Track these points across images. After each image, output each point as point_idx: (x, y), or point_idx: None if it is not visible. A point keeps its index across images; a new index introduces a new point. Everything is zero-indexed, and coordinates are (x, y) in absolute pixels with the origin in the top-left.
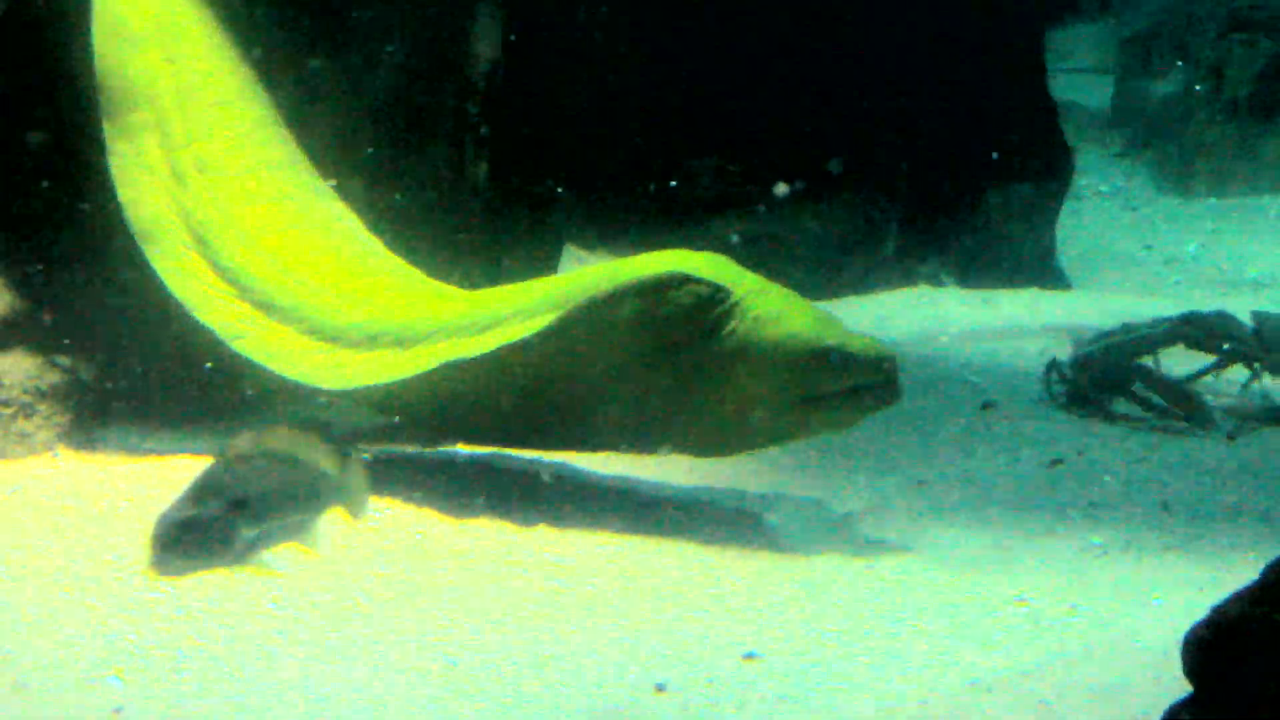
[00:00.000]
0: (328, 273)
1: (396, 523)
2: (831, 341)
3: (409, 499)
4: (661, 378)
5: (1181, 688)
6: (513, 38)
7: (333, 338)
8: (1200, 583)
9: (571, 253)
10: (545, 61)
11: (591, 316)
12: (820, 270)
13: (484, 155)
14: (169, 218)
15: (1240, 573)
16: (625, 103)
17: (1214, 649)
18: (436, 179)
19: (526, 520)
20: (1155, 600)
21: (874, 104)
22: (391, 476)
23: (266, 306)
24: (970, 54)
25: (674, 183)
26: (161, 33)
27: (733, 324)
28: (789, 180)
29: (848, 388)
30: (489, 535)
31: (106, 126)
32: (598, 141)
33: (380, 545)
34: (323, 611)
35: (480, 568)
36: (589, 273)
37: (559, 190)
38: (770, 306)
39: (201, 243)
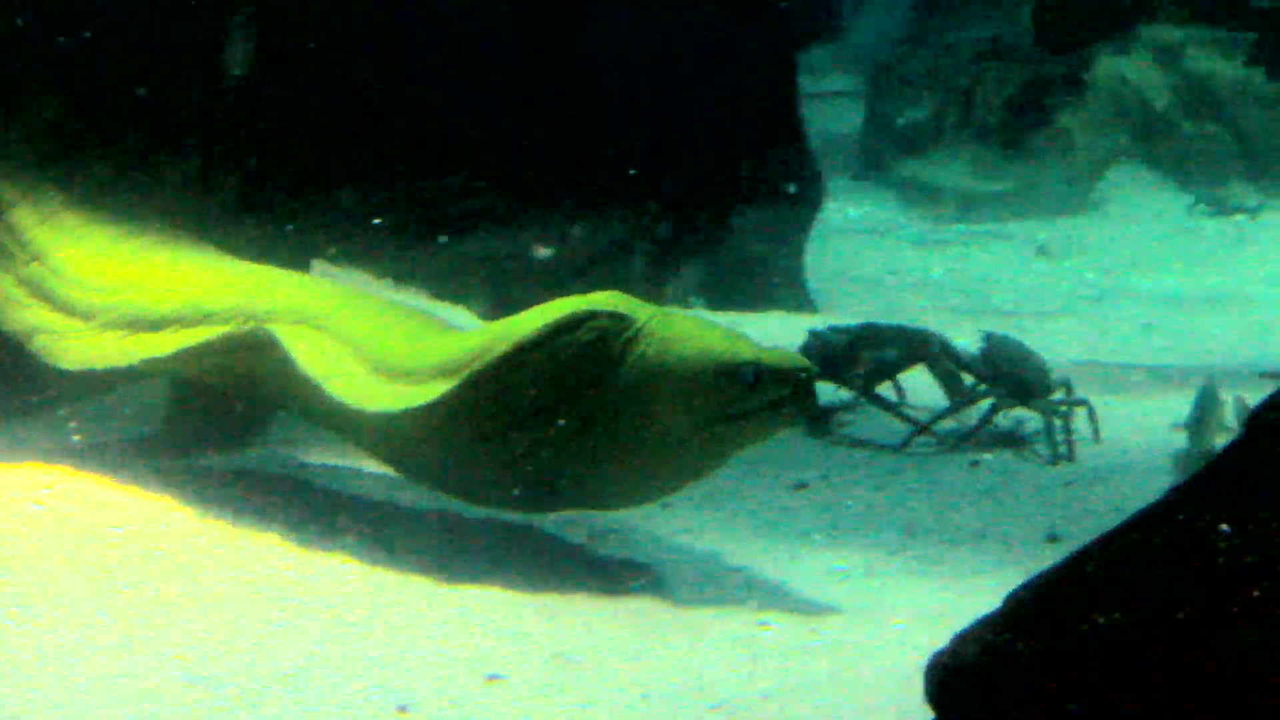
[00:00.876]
0: (138, 279)
1: (131, 537)
2: (746, 356)
3: (146, 511)
4: (568, 424)
5: (924, 714)
6: (263, 51)
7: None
8: (942, 608)
9: (320, 268)
10: (298, 76)
11: (494, 376)
12: (568, 289)
13: (233, 168)
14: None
15: (981, 598)
16: (378, 118)
17: (956, 676)
18: (183, 190)
19: (263, 531)
20: (896, 625)
21: (625, 124)
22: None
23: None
24: (721, 76)
25: (424, 199)
26: None
27: (641, 348)
28: (539, 196)
29: (765, 402)
30: (231, 550)
31: None
32: (350, 157)
33: (118, 556)
34: (50, 622)
35: (220, 585)
36: (471, 337)
37: (309, 205)
38: (677, 329)
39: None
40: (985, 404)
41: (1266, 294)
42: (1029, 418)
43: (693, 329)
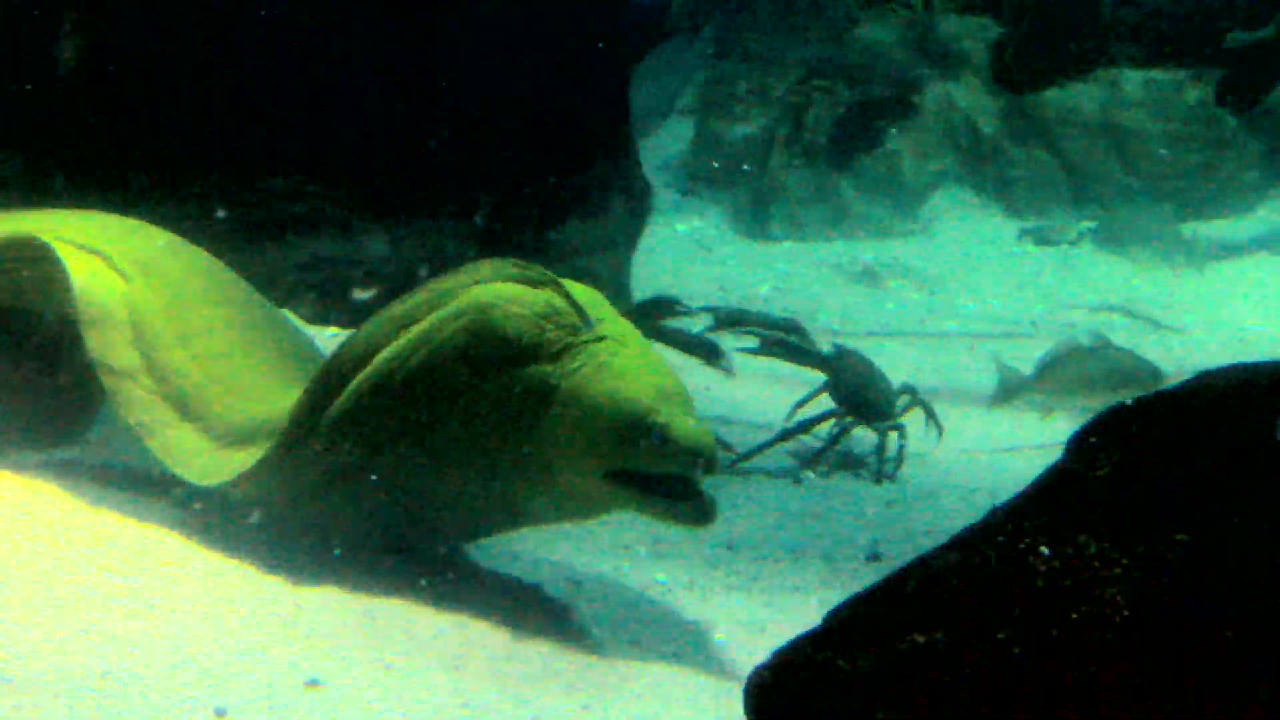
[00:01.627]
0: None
1: None
2: (660, 418)
3: None
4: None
5: None
6: (93, 45)
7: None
8: (762, 623)
9: None
10: (128, 72)
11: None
12: (392, 295)
13: (59, 164)
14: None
15: (803, 614)
16: (207, 117)
17: (775, 691)
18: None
19: (84, 528)
20: (717, 639)
21: (455, 131)
22: None
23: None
24: (552, 84)
25: (251, 200)
26: None
27: (578, 362)
28: (368, 200)
29: (658, 473)
30: (48, 547)
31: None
32: (176, 157)
33: None
34: None
35: (35, 582)
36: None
37: (135, 203)
38: (621, 361)
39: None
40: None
41: (1087, 321)
42: (864, 435)
43: (635, 366)
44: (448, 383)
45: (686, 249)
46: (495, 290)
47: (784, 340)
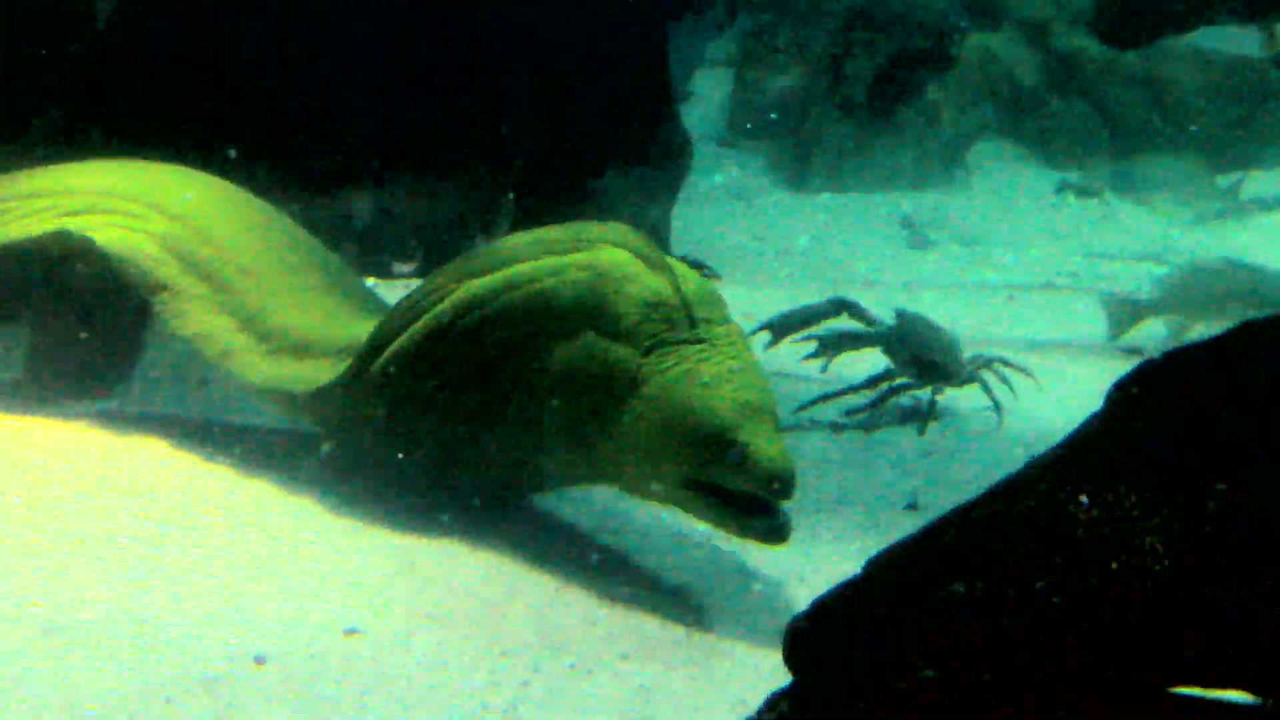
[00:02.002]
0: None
1: None
2: (741, 435)
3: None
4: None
5: (783, 676)
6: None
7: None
8: (802, 572)
9: None
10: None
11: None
12: (434, 249)
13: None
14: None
15: (842, 564)
16: (243, 70)
17: (814, 640)
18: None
19: (128, 479)
20: (757, 588)
21: (495, 85)
22: None
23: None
24: (590, 37)
25: (286, 155)
26: None
27: (669, 361)
28: (405, 157)
29: (737, 489)
30: (92, 498)
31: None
32: (216, 108)
33: None
34: None
35: (79, 534)
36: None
37: (170, 157)
38: (712, 368)
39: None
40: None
41: (1126, 273)
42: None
43: (726, 375)
44: (534, 329)
45: (725, 200)
46: (617, 260)
47: (842, 333)
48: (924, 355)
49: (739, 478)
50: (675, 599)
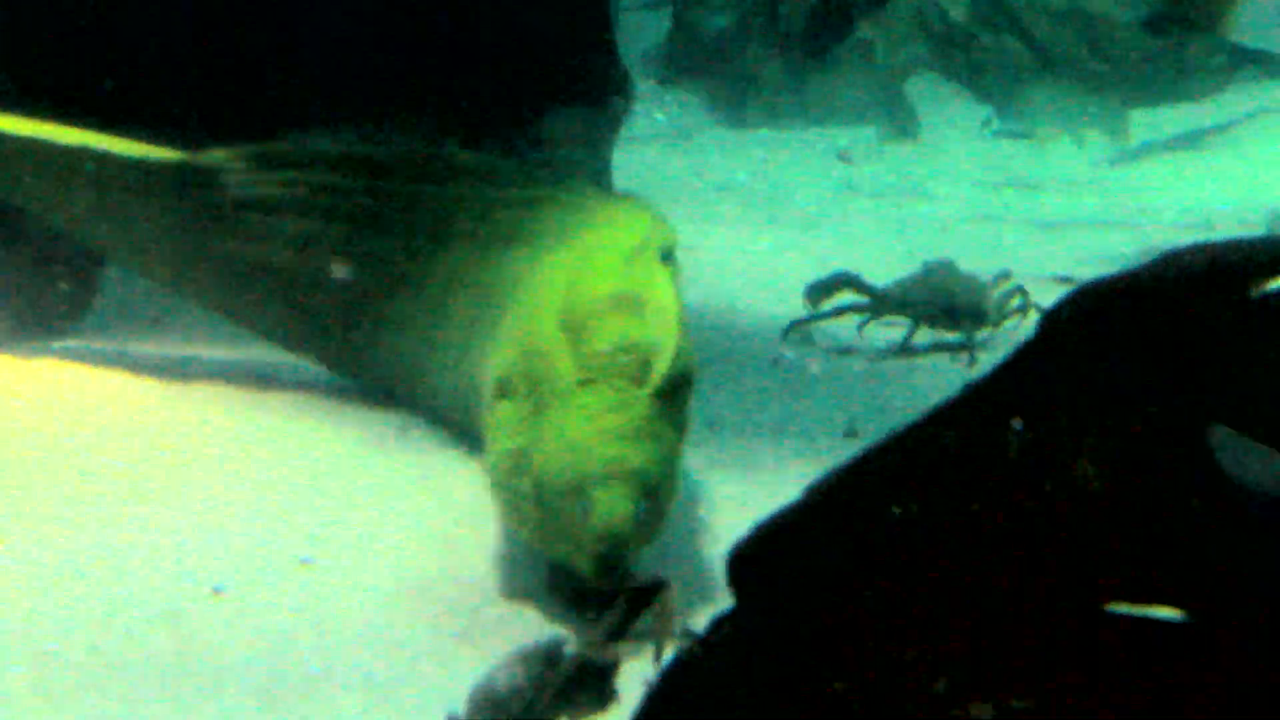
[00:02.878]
0: None
1: None
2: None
3: None
4: None
5: (724, 600)
6: None
7: None
8: (743, 498)
9: None
10: None
11: None
12: None
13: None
14: None
15: (782, 489)
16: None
17: (756, 563)
18: None
19: (83, 414)
20: (699, 514)
21: (427, 23)
22: None
23: None
24: None
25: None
26: None
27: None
28: (348, 105)
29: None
30: (45, 432)
31: None
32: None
33: None
34: None
35: (31, 465)
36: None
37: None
38: (584, 428)
39: None
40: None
41: (1061, 207)
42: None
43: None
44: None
45: (665, 138)
46: (595, 281)
47: (880, 295)
48: (954, 304)
49: (578, 531)
50: None
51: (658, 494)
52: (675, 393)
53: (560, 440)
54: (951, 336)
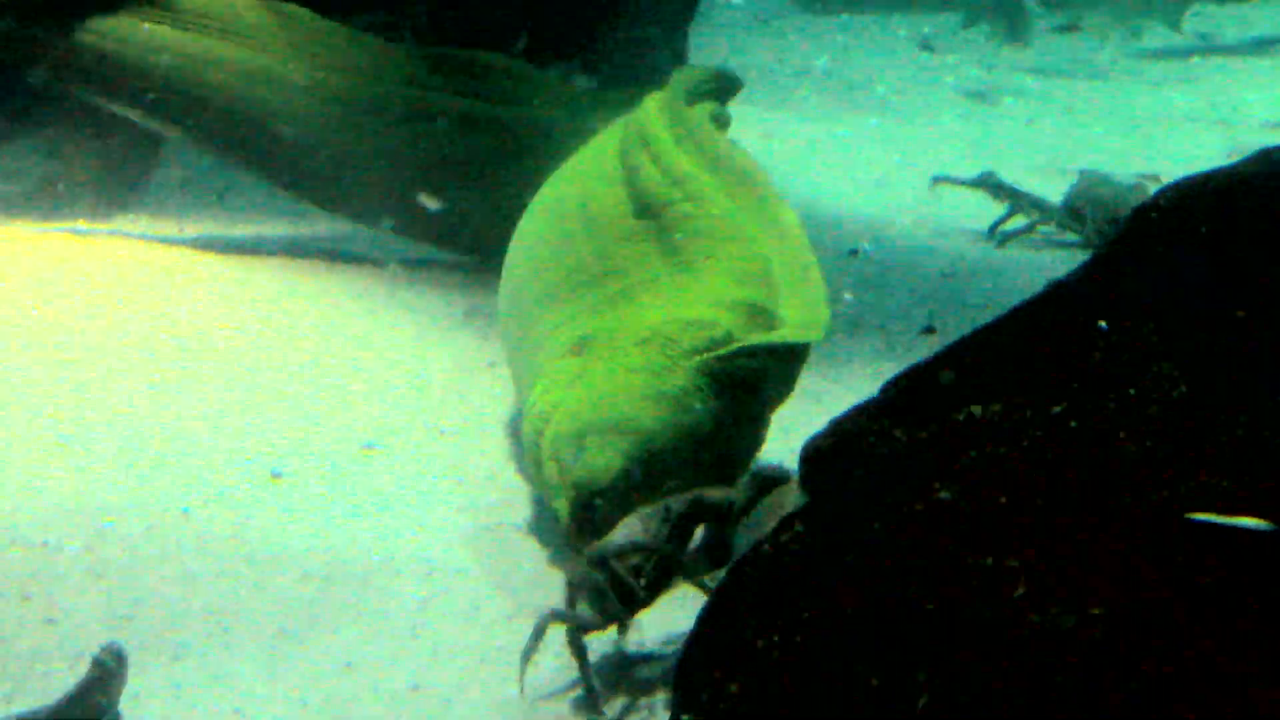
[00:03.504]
0: None
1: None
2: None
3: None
4: None
5: (799, 497)
6: None
7: None
8: (819, 394)
9: None
10: None
11: None
12: None
13: None
14: None
15: (858, 385)
16: None
17: (831, 461)
18: None
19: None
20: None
21: None
22: None
23: None
24: None
25: None
26: None
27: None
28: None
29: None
30: (110, 311)
31: None
32: None
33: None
34: None
35: (95, 346)
36: None
37: None
38: (591, 379)
39: None
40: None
41: (1150, 105)
42: None
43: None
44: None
45: (745, 23)
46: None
47: (1039, 202)
48: (1113, 214)
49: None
50: None
51: (664, 461)
52: (746, 381)
53: (588, 389)
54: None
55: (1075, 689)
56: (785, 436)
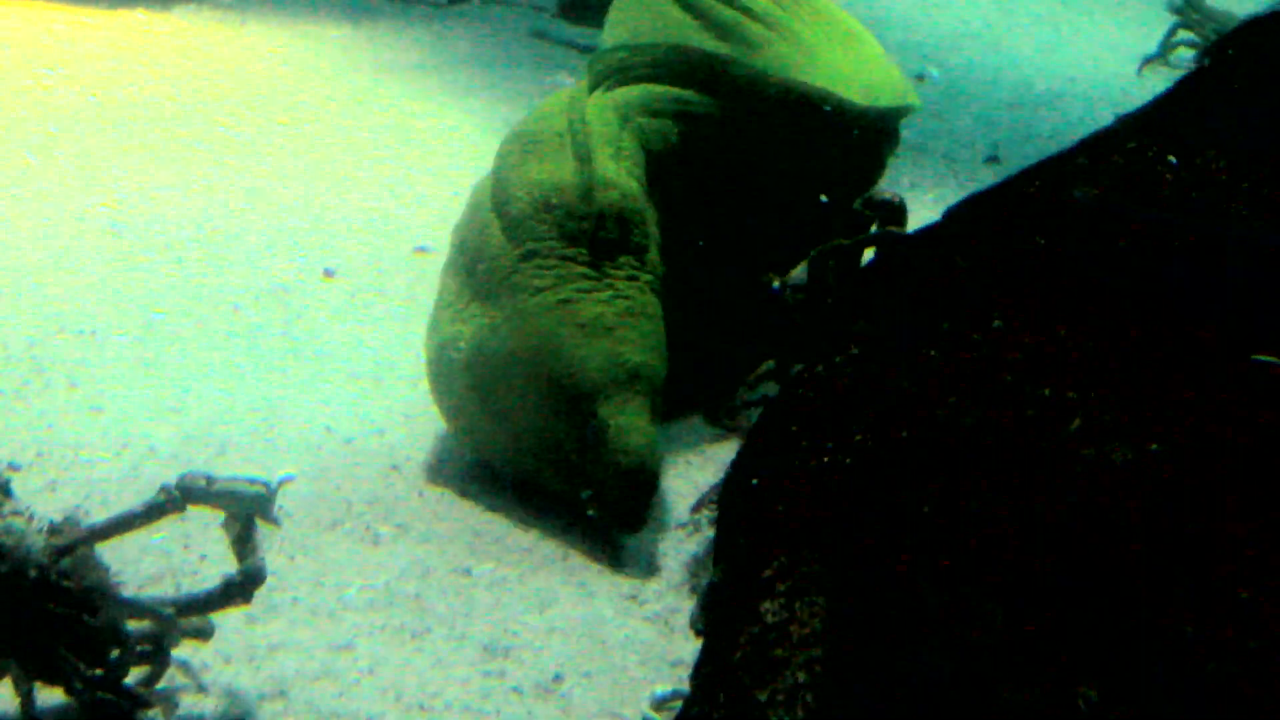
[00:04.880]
0: None
1: (68, 79)
2: (604, 410)
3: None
4: None
5: None
6: None
7: None
8: None
9: None
10: None
11: None
12: None
13: None
14: None
15: (918, 211)
16: None
17: (888, 282)
18: None
19: (202, 87)
20: None
21: None
22: None
23: None
24: None
25: None
26: None
27: (546, 278)
28: None
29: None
30: (168, 101)
31: None
32: None
33: (60, 99)
34: None
35: (152, 136)
36: None
37: None
38: (598, 306)
39: None
40: None
41: None
42: None
43: (600, 323)
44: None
45: None
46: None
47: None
48: None
49: (586, 459)
50: None
51: None
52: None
53: None
54: None
55: (1128, 523)
56: None
